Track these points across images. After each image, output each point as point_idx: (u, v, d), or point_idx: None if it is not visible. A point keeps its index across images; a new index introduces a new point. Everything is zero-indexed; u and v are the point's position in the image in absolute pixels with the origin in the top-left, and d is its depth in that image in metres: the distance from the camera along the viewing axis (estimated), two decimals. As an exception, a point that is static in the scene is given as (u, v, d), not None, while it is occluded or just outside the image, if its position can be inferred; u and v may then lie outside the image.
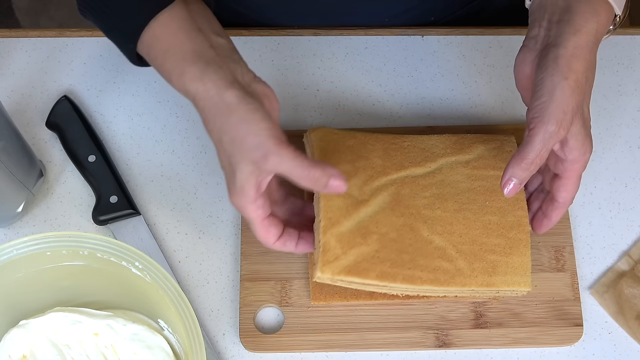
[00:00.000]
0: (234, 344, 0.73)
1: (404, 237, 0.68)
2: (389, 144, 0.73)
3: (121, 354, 0.67)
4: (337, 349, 0.72)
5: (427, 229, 0.69)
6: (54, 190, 0.79)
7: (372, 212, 0.69)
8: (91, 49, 0.86)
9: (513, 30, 0.86)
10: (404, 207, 0.69)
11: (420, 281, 0.67)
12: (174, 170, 0.80)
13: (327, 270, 0.66)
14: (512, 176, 0.62)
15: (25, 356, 0.67)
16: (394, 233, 0.68)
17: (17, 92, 0.84)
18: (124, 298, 0.69)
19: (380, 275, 0.67)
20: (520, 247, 0.69)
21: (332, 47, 0.86)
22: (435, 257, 0.68)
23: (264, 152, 0.60)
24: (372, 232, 0.68)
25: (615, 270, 0.75)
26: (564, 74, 0.60)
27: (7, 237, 0.77)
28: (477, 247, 0.69)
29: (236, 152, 0.61)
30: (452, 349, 0.72)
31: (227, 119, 0.60)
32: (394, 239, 0.68)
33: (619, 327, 0.74)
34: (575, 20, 0.61)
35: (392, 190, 0.70)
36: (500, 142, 0.74)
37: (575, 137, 0.62)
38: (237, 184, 0.62)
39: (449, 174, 0.72)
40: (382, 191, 0.70)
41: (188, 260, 0.76)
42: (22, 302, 0.69)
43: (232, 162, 0.62)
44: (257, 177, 0.62)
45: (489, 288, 0.68)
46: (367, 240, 0.68)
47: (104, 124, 0.82)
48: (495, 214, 0.70)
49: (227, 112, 0.60)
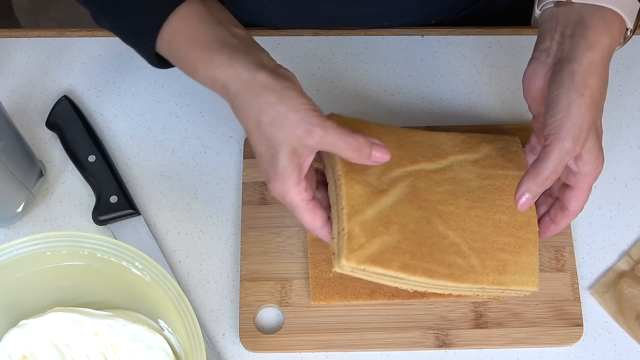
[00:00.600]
0: (234, 344, 0.73)
1: (422, 230, 0.67)
2: (402, 137, 0.72)
3: (121, 354, 0.67)
4: (337, 349, 0.72)
5: (442, 224, 0.68)
6: (54, 190, 0.79)
7: (392, 202, 0.67)
8: (91, 49, 0.86)
9: (513, 30, 0.87)
10: (421, 200, 0.68)
11: (437, 275, 0.66)
12: (174, 170, 0.80)
13: (353, 259, 0.63)
14: (527, 191, 0.62)
15: (25, 356, 0.67)
16: (413, 225, 0.67)
17: (17, 92, 0.84)
18: (124, 298, 0.69)
19: (402, 266, 0.65)
20: (530, 247, 0.69)
21: (332, 47, 0.86)
22: (450, 253, 0.67)
23: (307, 127, 0.59)
24: (394, 222, 0.66)
25: (615, 270, 0.75)
26: (579, 90, 0.60)
27: (7, 237, 0.77)
28: (489, 245, 0.68)
29: (277, 132, 0.60)
30: (452, 349, 0.72)
31: (264, 100, 0.60)
32: (413, 230, 0.67)
33: (619, 327, 0.74)
34: (590, 35, 0.61)
35: (408, 182, 0.69)
36: (506, 142, 0.74)
37: (589, 151, 0.62)
38: (278, 167, 0.60)
39: (459, 171, 0.71)
40: (400, 182, 0.69)
41: (188, 260, 0.76)
42: (22, 302, 0.69)
43: (273, 144, 0.60)
44: (299, 157, 0.60)
45: (499, 286, 0.68)
46: (389, 230, 0.66)
47: (104, 124, 0.82)
48: (505, 212, 0.70)
49: (264, 93, 0.60)
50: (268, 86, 0.60)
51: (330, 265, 0.73)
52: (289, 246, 0.76)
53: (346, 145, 0.60)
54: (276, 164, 0.60)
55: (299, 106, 0.59)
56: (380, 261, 0.64)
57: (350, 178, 0.66)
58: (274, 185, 0.61)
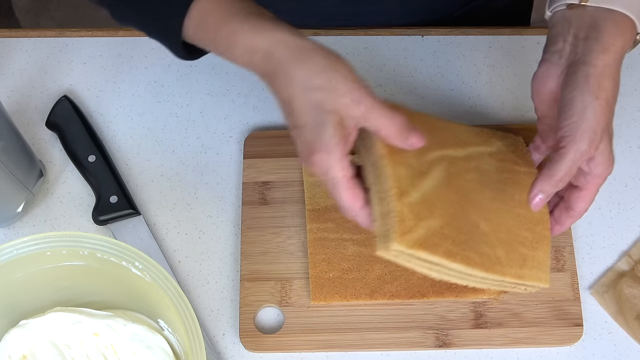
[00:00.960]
0: (234, 344, 0.73)
1: (459, 216, 0.65)
2: (428, 122, 0.69)
3: (121, 354, 0.67)
4: (337, 349, 0.72)
5: (474, 212, 0.66)
6: (54, 190, 0.79)
7: (432, 185, 0.64)
8: (91, 49, 0.86)
9: (513, 30, 0.87)
10: (456, 186, 0.66)
11: (473, 264, 0.63)
12: (174, 170, 0.80)
13: (404, 242, 0.60)
14: (541, 191, 0.62)
15: (25, 356, 0.67)
16: (452, 210, 0.64)
17: (17, 92, 0.84)
18: (124, 298, 0.69)
19: (446, 253, 0.62)
20: (544, 244, 0.68)
21: (332, 47, 0.85)
22: (481, 242, 0.65)
23: (355, 97, 0.58)
24: (436, 206, 0.63)
25: (615, 270, 0.75)
26: (594, 93, 0.60)
27: (7, 237, 0.77)
28: (512, 238, 0.67)
29: (326, 98, 0.58)
30: (452, 349, 0.72)
31: (315, 63, 0.58)
32: (453, 216, 0.64)
33: (619, 327, 0.74)
34: (604, 38, 0.61)
35: (443, 166, 0.66)
36: (512, 139, 0.73)
37: (602, 153, 0.63)
38: (324, 136, 0.58)
39: (480, 162, 0.70)
40: (436, 165, 0.66)
41: (188, 260, 0.76)
42: (22, 302, 0.69)
43: (320, 111, 0.58)
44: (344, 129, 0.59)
45: (518, 280, 0.66)
46: (433, 214, 0.63)
47: (104, 124, 0.82)
48: (523, 207, 0.68)
49: (315, 56, 0.58)
50: (318, 51, 0.58)
51: (330, 265, 0.73)
52: (289, 246, 0.76)
53: (390, 122, 0.59)
54: (322, 133, 0.58)
55: (349, 76, 0.58)
56: (427, 246, 0.61)
57: (393, 158, 0.62)
58: (318, 157, 0.58)
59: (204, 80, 0.84)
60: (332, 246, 0.74)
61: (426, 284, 0.72)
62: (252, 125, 0.82)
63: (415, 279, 0.73)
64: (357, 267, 0.73)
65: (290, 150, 0.79)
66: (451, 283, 0.72)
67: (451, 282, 0.72)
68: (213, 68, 0.85)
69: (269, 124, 0.82)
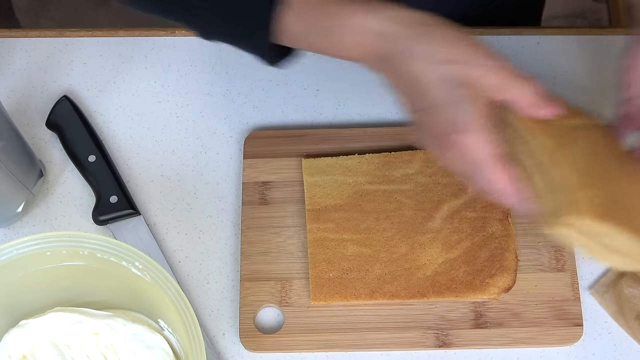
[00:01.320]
0: (234, 344, 0.73)
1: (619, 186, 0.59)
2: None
3: (121, 354, 0.67)
4: (337, 349, 0.72)
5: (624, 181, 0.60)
6: (54, 190, 0.79)
7: (583, 154, 0.58)
8: (91, 49, 0.86)
9: (513, 30, 0.86)
10: (598, 154, 0.60)
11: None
12: (174, 170, 0.80)
13: (587, 215, 0.54)
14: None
15: (25, 356, 0.67)
16: (609, 179, 0.59)
17: (17, 92, 0.84)
18: (124, 298, 0.69)
19: (620, 223, 0.55)
20: None
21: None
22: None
23: (492, 67, 0.53)
24: (595, 175, 0.57)
25: (615, 270, 0.75)
26: None
27: (7, 237, 0.77)
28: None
29: (460, 70, 0.53)
30: (452, 349, 0.72)
31: (442, 35, 0.54)
32: (612, 185, 0.58)
33: (619, 327, 0.74)
34: None
35: (581, 135, 0.60)
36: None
37: None
38: (466, 112, 0.53)
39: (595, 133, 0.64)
40: (576, 134, 0.60)
41: (188, 260, 0.76)
42: (22, 302, 0.69)
43: (454, 85, 0.53)
44: (482, 103, 0.54)
45: None
46: (599, 182, 0.57)
47: (104, 124, 0.82)
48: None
49: (439, 29, 0.54)
50: (440, 24, 0.54)
51: (330, 265, 0.73)
52: (289, 246, 0.76)
53: (528, 91, 0.54)
54: (463, 109, 0.53)
55: (478, 45, 0.54)
56: (606, 217, 0.55)
57: (539, 128, 0.57)
58: (459, 137, 0.53)
59: (204, 80, 0.84)
60: (332, 246, 0.74)
61: (426, 284, 0.72)
62: (252, 125, 0.82)
63: (415, 279, 0.73)
64: (357, 267, 0.73)
65: (291, 150, 0.79)
66: (451, 283, 0.72)
67: (451, 282, 0.72)
68: (213, 68, 0.85)
69: (269, 124, 0.82)
